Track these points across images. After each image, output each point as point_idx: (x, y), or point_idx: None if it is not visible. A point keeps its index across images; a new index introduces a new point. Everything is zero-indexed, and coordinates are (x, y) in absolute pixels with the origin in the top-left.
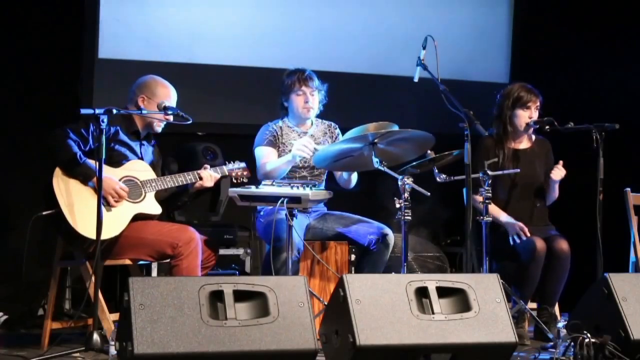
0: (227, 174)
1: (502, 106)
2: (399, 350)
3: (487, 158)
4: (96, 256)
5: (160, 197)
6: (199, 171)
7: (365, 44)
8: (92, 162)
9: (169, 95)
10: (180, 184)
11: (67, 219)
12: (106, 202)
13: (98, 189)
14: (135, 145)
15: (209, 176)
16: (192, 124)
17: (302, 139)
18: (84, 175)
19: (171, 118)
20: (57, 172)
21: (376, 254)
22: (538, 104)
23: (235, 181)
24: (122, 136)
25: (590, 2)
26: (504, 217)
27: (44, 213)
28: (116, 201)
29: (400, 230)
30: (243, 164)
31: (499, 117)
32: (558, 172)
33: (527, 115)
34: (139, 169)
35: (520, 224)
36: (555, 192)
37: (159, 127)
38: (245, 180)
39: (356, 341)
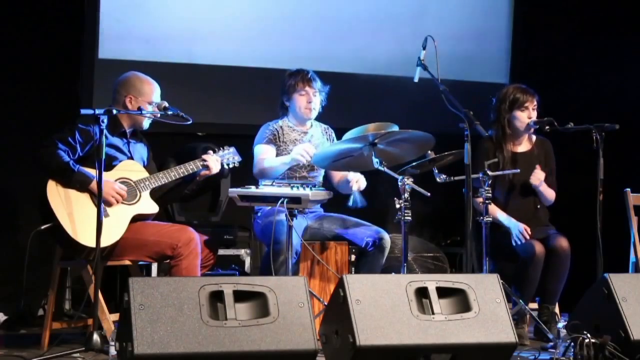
0: (219, 159)
1: (499, 110)
2: (399, 351)
3: (487, 159)
4: (96, 257)
5: (166, 189)
6: (204, 157)
7: (365, 44)
8: (86, 169)
9: (153, 91)
10: (174, 178)
11: (66, 230)
12: (108, 205)
13: (98, 189)
14: (122, 144)
15: (215, 162)
16: (192, 124)
17: (304, 144)
18: (81, 183)
19: (159, 115)
20: (51, 184)
21: (372, 256)
22: (535, 103)
23: (227, 167)
24: (109, 138)
25: (590, 3)
26: (504, 218)
27: (42, 227)
28: (117, 201)
29: (400, 230)
30: (232, 149)
31: (497, 120)
32: (534, 177)
33: (526, 116)
34: (131, 169)
35: (523, 225)
36: (546, 195)
37: (146, 124)
38: (237, 164)
39: (356, 341)
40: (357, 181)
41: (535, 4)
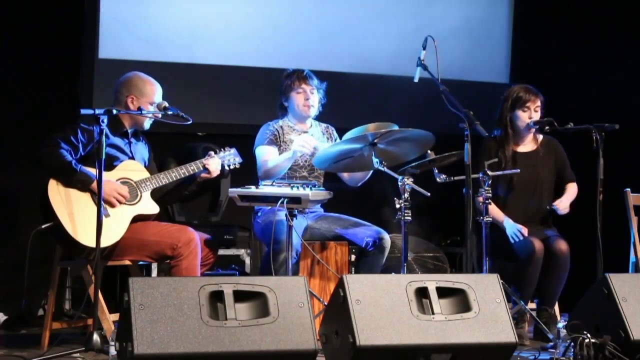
0: (219, 162)
1: (502, 108)
2: (399, 351)
3: (488, 159)
4: (96, 257)
5: (166, 189)
6: (205, 161)
7: (365, 44)
8: (87, 169)
9: (155, 91)
10: (175, 178)
11: (67, 230)
12: (110, 205)
13: (98, 189)
14: (124, 144)
15: (216, 166)
16: (192, 124)
17: (303, 135)
18: (82, 183)
19: (160, 115)
20: (52, 183)
21: (372, 256)
22: (538, 103)
23: (228, 168)
24: (111, 138)
25: (590, 2)
26: (503, 218)
27: (43, 227)
28: (119, 202)
29: (400, 230)
30: (233, 150)
31: (500, 119)
32: (560, 212)
33: (527, 116)
34: (132, 169)
35: (519, 226)
36: (573, 198)
37: (147, 125)
38: (237, 166)
39: (356, 341)
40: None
41: (535, 4)
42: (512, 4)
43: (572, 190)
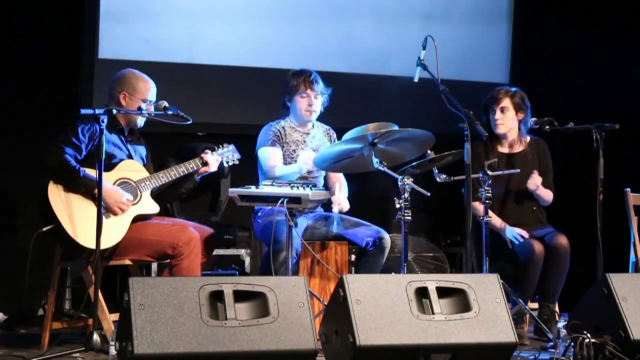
0: (219, 158)
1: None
2: (399, 351)
3: (479, 161)
4: (96, 256)
5: (163, 188)
6: (203, 156)
7: (365, 44)
8: (90, 173)
9: (149, 89)
10: (174, 177)
11: (67, 232)
12: (112, 214)
13: (98, 190)
14: (121, 142)
15: (214, 160)
16: (192, 124)
17: (306, 152)
18: (86, 187)
19: (152, 109)
20: (52, 185)
21: (372, 256)
22: (504, 104)
23: (226, 164)
24: (108, 136)
25: (591, 2)
26: (501, 225)
27: (44, 229)
28: (122, 210)
29: (400, 230)
30: (232, 146)
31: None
32: (531, 182)
33: (492, 118)
34: (132, 168)
35: (519, 229)
36: (544, 197)
37: (141, 122)
38: (236, 162)
39: (356, 341)
40: (339, 204)
41: (535, 4)
42: (512, 4)
43: (547, 192)
